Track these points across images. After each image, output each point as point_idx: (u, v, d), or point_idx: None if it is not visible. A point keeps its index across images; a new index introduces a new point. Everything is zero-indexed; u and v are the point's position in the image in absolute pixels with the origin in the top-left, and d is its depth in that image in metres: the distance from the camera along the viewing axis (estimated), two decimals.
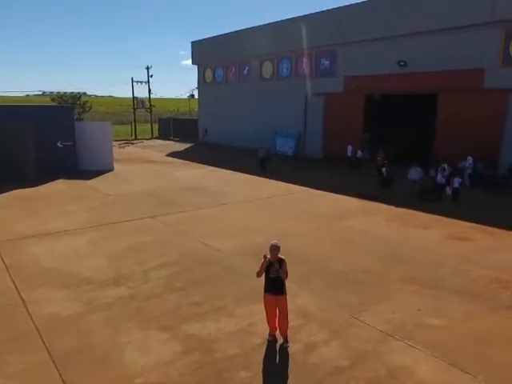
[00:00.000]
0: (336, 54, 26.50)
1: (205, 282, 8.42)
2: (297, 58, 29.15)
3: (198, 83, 39.59)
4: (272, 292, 6.16)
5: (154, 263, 9.36)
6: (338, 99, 26.69)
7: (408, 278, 8.77)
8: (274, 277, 6.07)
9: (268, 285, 6.19)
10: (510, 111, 19.27)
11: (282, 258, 6.13)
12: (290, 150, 29.89)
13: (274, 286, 6.13)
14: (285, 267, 6.10)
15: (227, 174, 22.08)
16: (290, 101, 29.74)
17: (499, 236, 11.73)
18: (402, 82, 22.98)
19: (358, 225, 12.65)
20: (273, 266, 6.04)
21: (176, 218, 13.14)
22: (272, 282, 6.13)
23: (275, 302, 6.20)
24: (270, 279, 6.12)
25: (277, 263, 6.05)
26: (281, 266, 6.06)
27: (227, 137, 35.23)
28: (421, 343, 6.29)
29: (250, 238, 11.17)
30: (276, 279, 6.09)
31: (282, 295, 6.18)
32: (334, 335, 6.50)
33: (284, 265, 6.09)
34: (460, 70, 20.52)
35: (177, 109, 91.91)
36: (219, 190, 17.58)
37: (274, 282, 6.12)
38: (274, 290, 6.14)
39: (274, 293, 6.14)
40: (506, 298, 7.88)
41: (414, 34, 21.86)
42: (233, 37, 33.66)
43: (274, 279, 6.09)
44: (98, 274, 8.71)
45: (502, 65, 19.28)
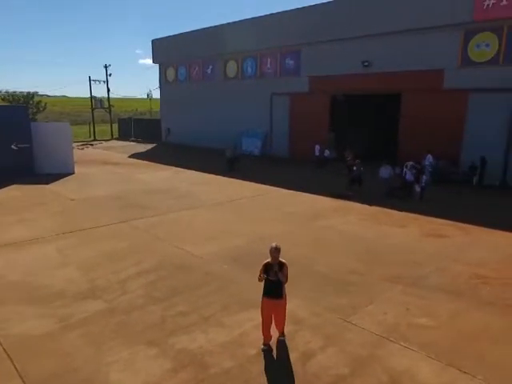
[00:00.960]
0: (300, 54, 26.59)
1: (187, 290, 8.01)
2: (261, 57, 29.02)
3: (160, 82, 38.57)
4: (270, 296, 5.98)
5: (130, 272, 8.82)
6: (303, 99, 26.81)
7: (392, 277, 8.78)
8: (274, 280, 5.90)
9: (267, 288, 6.00)
10: (470, 111, 20.07)
11: (282, 262, 5.96)
12: (257, 150, 29.73)
13: (273, 290, 5.95)
14: (285, 270, 5.94)
15: (195, 175, 21.56)
16: (255, 100, 29.58)
17: (472, 232, 12.07)
18: (366, 82, 23.39)
19: (334, 225, 12.63)
20: (272, 268, 5.87)
21: (148, 223, 12.56)
22: (271, 285, 5.95)
23: (273, 307, 6.02)
24: (270, 282, 5.95)
25: (277, 266, 5.89)
26: (281, 269, 5.89)
27: (191, 137, 34.58)
28: (416, 344, 6.24)
29: (228, 242, 10.84)
30: (275, 282, 5.91)
31: (281, 299, 6.02)
32: (329, 341, 6.32)
33: (285, 268, 5.94)
34: (422, 71, 21.16)
35: (135, 109, 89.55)
36: (189, 192, 17.09)
37: (273, 286, 5.94)
38: (272, 293, 5.96)
39: (273, 296, 5.97)
40: (487, 294, 8.05)
41: (377, 35, 22.30)
42: (196, 35, 33.03)
43: (273, 282, 5.92)
44: (71, 287, 8.07)
45: (461, 66, 20.05)
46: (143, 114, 73.81)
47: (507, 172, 19.19)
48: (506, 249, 10.77)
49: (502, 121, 19.09)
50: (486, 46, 19.16)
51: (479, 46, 19.35)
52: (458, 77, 20.08)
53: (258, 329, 6.60)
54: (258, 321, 6.81)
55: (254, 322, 6.82)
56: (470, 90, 19.84)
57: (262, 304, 6.10)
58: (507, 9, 18.04)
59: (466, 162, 19.82)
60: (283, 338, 6.29)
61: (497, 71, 18.93)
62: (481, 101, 19.59)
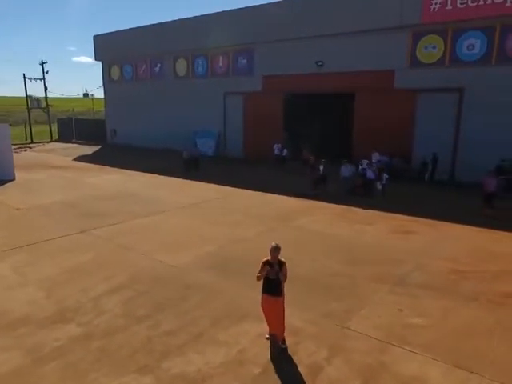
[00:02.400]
0: (253, 53, 26.35)
1: (169, 305, 7.38)
2: (213, 55, 28.40)
3: (104, 81, 36.54)
4: (270, 293, 6.03)
5: (101, 288, 8.00)
6: (257, 98, 26.61)
7: (376, 277, 8.74)
8: (273, 279, 5.93)
9: (266, 286, 6.05)
10: (419, 110, 20.94)
11: (282, 261, 6.03)
12: (210, 150, 29.08)
13: (272, 288, 6.00)
14: (285, 270, 6.04)
15: (150, 177, 20.55)
16: (208, 100, 28.92)
17: (436, 227, 12.48)
18: (320, 82, 23.65)
19: (306, 225, 12.48)
20: (273, 267, 5.90)
21: (111, 231, 11.61)
22: (270, 283, 5.99)
23: (272, 303, 6.06)
24: (269, 281, 5.98)
25: (277, 265, 5.94)
26: (281, 268, 5.97)
27: (140, 138, 33.15)
28: (418, 347, 6.16)
29: (202, 249, 10.28)
30: (275, 281, 5.96)
31: (279, 297, 6.06)
32: (333, 351, 6.06)
33: (284, 267, 6.03)
34: (374, 71, 21.74)
35: (71, 108, 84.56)
36: (148, 197, 16.18)
37: (272, 284, 5.98)
38: (271, 291, 6.01)
39: (272, 294, 6.02)
40: (469, 289, 8.23)
41: (330, 35, 22.59)
42: (142, 32, 31.63)
43: (272, 281, 5.95)
44: (36, 310, 7.13)
45: (410, 66, 20.85)
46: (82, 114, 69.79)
47: (455, 168, 20.26)
48: (469, 242, 11.21)
49: (449, 119, 20.10)
50: (433, 48, 20.07)
51: (427, 47, 20.23)
52: (408, 77, 20.86)
53: (255, 343, 6.22)
54: (253, 333, 6.43)
55: (250, 335, 6.42)
56: (419, 90, 20.70)
57: (262, 300, 6.15)
58: (452, 12, 19.00)
59: (417, 158, 20.67)
60: (285, 346, 6.10)
61: (443, 72, 19.88)
62: (429, 100, 20.50)
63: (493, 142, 18.70)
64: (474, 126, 19.37)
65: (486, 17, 18.34)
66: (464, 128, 19.78)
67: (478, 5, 18.37)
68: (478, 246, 10.86)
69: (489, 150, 18.69)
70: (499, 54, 18.48)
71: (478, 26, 18.71)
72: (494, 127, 18.87)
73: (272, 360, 5.80)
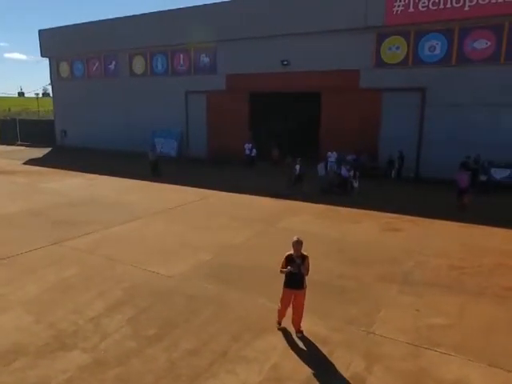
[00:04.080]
0: (216, 51, 25.74)
1: (180, 321, 6.79)
2: (173, 53, 27.41)
3: (51, 79, 34.12)
4: (292, 287, 6.18)
5: (98, 307, 7.21)
6: (221, 97, 26.02)
7: (381, 277, 8.66)
8: (296, 272, 6.05)
9: (289, 280, 6.17)
10: (384, 109, 21.47)
11: (305, 255, 6.14)
12: (173, 151, 28.10)
13: (295, 282, 6.13)
14: (307, 263, 6.15)
15: (114, 181, 19.38)
16: (168, 99, 27.88)
17: (420, 224, 12.73)
18: (285, 81, 23.55)
19: (293, 226, 12.24)
20: (295, 261, 6.03)
21: (90, 242, 10.66)
22: (293, 277, 6.10)
23: (293, 296, 6.23)
24: (292, 274, 6.08)
25: (299, 259, 6.06)
26: (303, 261, 6.08)
27: (95, 139, 31.34)
28: (449, 348, 6.08)
29: (195, 257, 9.69)
30: (298, 275, 6.08)
31: (302, 289, 6.23)
32: (369, 359, 5.81)
33: (307, 261, 6.15)
34: (339, 71, 21.98)
35: (7, 108, 78.62)
36: (119, 202, 15.18)
37: (295, 278, 6.11)
38: (294, 285, 6.15)
39: (294, 287, 6.17)
40: (473, 285, 8.38)
41: (295, 35, 22.55)
42: (95, 27, 29.87)
43: (295, 275, 6.08)
44: (28, 337, 6.24)
45: (375, 66, 21.32)
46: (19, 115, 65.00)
47: (420, 165, 21.01)
48: (455, 237, 11.53)
49: (412, 118, 20.79)
50: (396, 49, 20.65)
51: (391, 48, 20.78)
52: (373, 77, 21.32)
53: (287, 357, 5.84)
54: (281, 347, 6.05)
55: (279, 348, 6.04)
56: (384, 90, 21.23)
57: (284, 294, 6.29)
58: (414, 15, 19.63)
59: (384, 156, 21.19)
60: (299, 335, 6.33)
61: (406, 72, 20.52)
62: (393, 99, 21.08)
63: (453, 140, 19.61)
64: (436, 124, 20.20)
65: (446, 20, 19.14)
66: (427, 127, 20.55)
67: (438, 8, 19.13)
68: (465, 241, 11.18)
69: (450, 148, 19.57)
70: (458, 55, 19.38)
71: (439, 28, 19.49)
72: (454, 126, 19.77)
73: (312, 374, 5.45)
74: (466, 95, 19.34)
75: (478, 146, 18.86)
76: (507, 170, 18.25)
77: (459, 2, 18.62)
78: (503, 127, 18.81)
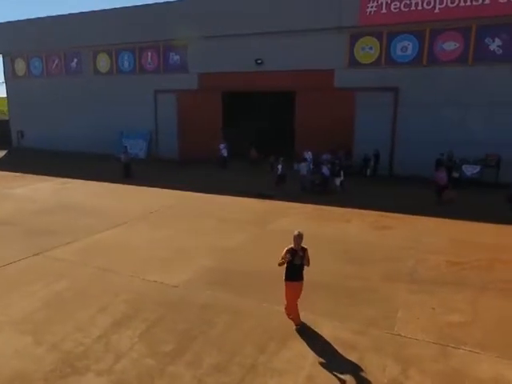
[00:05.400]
0: (187, 49, 25.08)
1: (197, 334, 6.37)
2: (140, 50, 26.45)
3: (6, 77, 31.94)
4: (294, 279, 6.47)
5: (102, 323, 6.64)
6: (193, 96, 25.39)
7: (387, 277, 8.63)
8: (298, 264, 6.40)
9: (291, 272, 6.46)
10: (358, 108, 21.75)
11: (305, 247, 6.48)
12: (142, 152, 27.12)
13: (297, 273, 6.48)
14: (307, 255, 6.49)
15: (86, 185, 18.35)
16: (136, 98, 26.85)
17: (408, 221, 12.92)
18: (259, 80, 23.32)
19: (286, 227, 11.94)
20: (297, 253, 6.35)
21: (75, 251, 9.91)
22: (296, 269, 6.43)
23: (297, 287, 6.51)
24: (294, 266, 6.40)
25: (301, 251, 6.40)
26: (304, 254, 6.42)
27: (56, 140, 29.67)
28: (475, 346, 6.10)
29: (194, 263, 9.25)
30: (299, 266, 6.44)
31: (302, 281, 6.57)
32: (401, 363, 5.69)
33: (307, 253, 6.48)
34: (314, 70, 22.04)
35: None
36: (96, 207, 14.32)
37: (297, 269, 6.45)
38: (296, 277, 6.48)
39: (296, 279, 6.49)
40: (476, 280, 8.52)
41: (269, 33, 22.37)
42: (53, 22, 28.21)
43: (298, 267, 6.42)
44: (31, 362, 5.61)
45: (349, 66, 21.57)
46: None
47: (393, 163, 21.48)
48: (445, 233, 11.76)
49: (386, 117, 21.21)
50: (369, 49, 20.98)
51: (364, 48, 21.08)
52: (347, 77, 21.53)
53: (318, 366, 5.60)
54: (311, 355, 5.80)
55: (309, 358, 5.79)
56: (358, 89, 21.52)
57: (287, 288, 6.53)
58: (386, 16, 20.01)
59: (359, 155, 21.49)
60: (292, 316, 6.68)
61: (379, 72, 20.90)
62: (367, 99, 21.38)
63: (425, 139, 20.16)
64: (408, 123, 20.69)
65: (417, 21, 19.65)
66: (399, 125, 21.03)
67: (409, 10, 19.60)
68: (455, 237, 11.43)
69: (422, 146, 20.12)
70: (429, 56, 19.97)
71: (410, 29, 19.99)
72: (425, 124, 20.35)
73: (350, 383, 5.24)
74: (436, 95, 19.96)
75: (448, 143, 19.51)
76: (477, 167, 19.03)
77: (430, 5, 19.17)
78: (471, 125, 19.56)
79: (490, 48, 18.96)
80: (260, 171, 21.10)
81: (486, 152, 18.85)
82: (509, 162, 18.34)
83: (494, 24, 18.66)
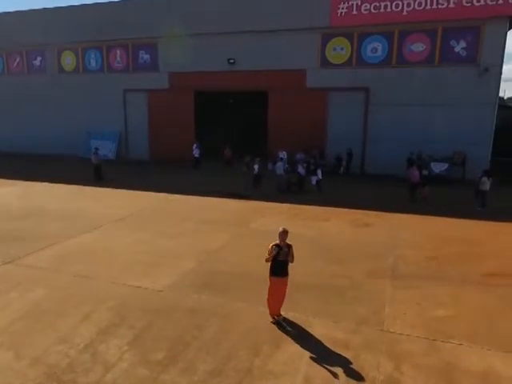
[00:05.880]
0: (157, 48, 24.61)
1: (188, 339, 6.20)
2: (108, 48, 25.71)
3: None
4: (279, 275, 6.57)
5: (87, 333, 6.34)
6: (164, 96, 24.95)
7: (371, 274, 8.75)
8: (283, 260, 6.51)
9: (276, 268, 6.57)
10: (331, 108, 22.06)
11: (289, 244, 6.59)
12: (111, 153, 26.40)
13: (282, 269, 6.57)
14: (292, 251, 6.60)
15: (55, 188, 17.65)
16: (105, 98, 26.13)
17: (385, 218, 13.19)
18: (232, 80, 23.22)
19: (266, 227, 11.96)
20: (282, 250, 6.46)
21: (49, 258, 9.46)
22: (281, 264, 6.54)
23: (281, 284, 6.59)
24: (279, 262, 6.52)
25: (286, 247, 6.51)
26: (289, 250, 6.55)
27: (17, 142, 28.42)
28: (463, 339, 6.26)
29: (177, 267, 9.04)
30: (284, 262, 6.55)
31: (287, 277, 6.65)
32: (394, 358, 5.76)
33: (291, 249, 6.60)
34: (286, 70, 22.17)
35: None
36: (68, 211, 13.77)
37: (282, 265, 6.56)
38: (281, 272, 6.57)
39: (281, 275, 6.58)
40: (454, 274, 8.79)
41: (241, 33, 22.29)
42: (14, 18, 26.96)
43: (282, 262, 6.53)
44: (14, 379, 5.26)
45: (320, 67, 21.82)
46: None
47: (365, 161, 21.91)
48: (420, 229, 12.11)
49: (357, 117, 21.62)
50: (341, 50, 21.31)
51: (335, 49, 21.40)
52: (319, 77, 21.80)
53: (314, 367, 5.58)
54: (307, 356, 5.78)
55: (303, 359, 5.75)
56: (329, 89, 21.82)
57: (272, 283, 6.62)
58: (357, 18, 20.40)
59: (332, 154, 21.78)
60: (281, 317, 6.72)
61: (351, 72, 21.28)
62: (339, 99, 21.76)
63: (395, 137, 20.73)
64: (379, 122, 21.19)
65: (386, 23, 20.15)
66: (370, 125, 21.49)
67: (379, 12, 20.08)
68: (430, 232, 11.78)
69: (392, 145, 20.68)
70: (398, 57, 20.51)
71: (380, 30, 20.47)
72: (395, 123, 20.91)
73: (347, 382, 5.24)
74: (405, 94, 20.54)
75: (417, 142, 20.16)
76: (445, 164, 19.71)
77: (398, 7, 19.70)
78: (439, 124, 20.26)
79: (455, 50, 19.71)
80: (234, 171, 21.00)
81: (453, 150, 19.57)
82: (474, 159, 19.13)
83: (458, 27, 19.41)
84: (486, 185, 14.01)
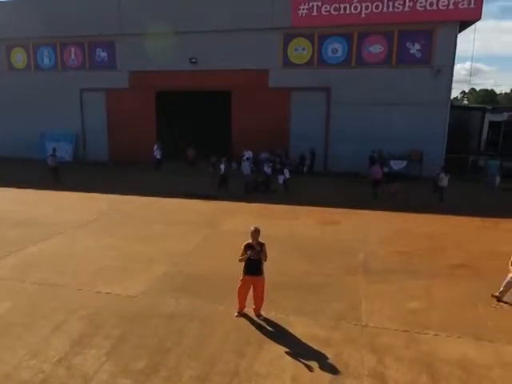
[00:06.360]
0: (115, 46, 23.82)
1: (169, 345, 6.02)
2: (63, 46, 24.57)
3: None
4: (252, 274, 6.54)
5: (59, 345, 5.99)
6: (123, 96, 24.17)
7: (345, 270, 8.91)
8: (255, 259, 6.46)
9: (248, 267, 6.55)
10: (294, 108, 22.28)
11: (261, 242, 6.57)
12: (68, 155, 25.27)
13: (255, 268, 6.53)
14: (265, 250, 6.58)
15: (11, 192, 16.67)
16: (59, 97, 24.95)
17: (352, 215, 13.50)
18: (194, 79, 22.90)
19: (237, 228, 11.85)
20: (254, 248, 6.43)
21: (9, 267, 8.87)
22: (253, 264, 6.49)
23: (253, 283, 6.62)
24: (251, 261, 6.47)
25: (258, 246, 6.48)
26: (261, 248, 6.52)
27: None
28: (438, 329, 6.51)
29: (150, 271, 8.77)
30: (257, 261, 6.49)
31: (261, 276, 6.63)
32: (376, 353, 5.88)
33: (264, 247, 6.58)
34: (249, 70, 22.14)
35: None
36: (26, 217, 12.99)
37: (254, 264, 6.50)
38: (254, 271, 6.53)
39: (254, 274, 6.54)
40: (423, 267, 9.14)
41: (203, 32, 22.01)
42: None
43: (255, 261, 6.48)
44: None
45: (283, 66, 22.00)
46: None
47: (328, 160, 22.34)
48: (387, 225, 12.51)
49: (320, 116, 21.99)
50: (302, 50, 21.59)
51: (297, 49, 21.64)
52: (281, 77, 21.96)
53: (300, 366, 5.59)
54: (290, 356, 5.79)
55: (288, 359, 5.75)
56: (292, 89, 22.04)
57: (243, 281, 6.63)
58: (317, 19, 20.73)
59: (295, 153, 22.02)
60: (261, 317, 6.73)
61: (312, 72, 21.60)
62: (302, 98, 22.01)
63: (356, 136, 21.25)
64: (340, 122, 21.65)
65: (346, 25, 20.63)
66: (332, 124, 21.94)
67: (338, 13, 20.51)
68: (396, 227, 12.19)
69: (353, 143, 21.19)
70: (357, 58, 21.06)
71: (340, 32, 20.92)
72: (356, 123, 21.44)
73: (334, 378, 5.29)
74: (365, 94, 21.12)
75: (377, 140, 20.77)
76: (403, 162, 20.51)
77: (357, 9, 20.22)
78: (397, 123, 20.97)
79: (410, 52, 20.51)
80: (198, 172, 20.73)
81: (410, 148, 20.39)
82: (430, 156, 20.04)
83: (413, 30, 20.22)
84: (444, 181, 14.68)
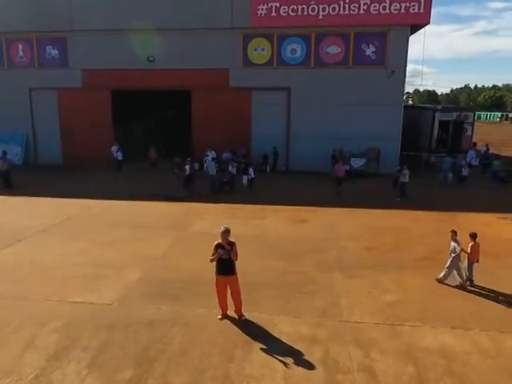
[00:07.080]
0: (66, 43, 22.69)
1: (154, 353, 5.83)
2: (8, 42, 23.05)
3: None
4: (224, 274, 6.52)
5: (35, 361, 5.62)
6: (77, 95, 23.02)
7: (320, 268, 9.04)
8: (226, 259, 6.43)
9: (220, 267, 6.53)
10: (254, 107, 22.28)
11: (232, 241, 6.57)
12: (17, 158, 23.70)
13: (226, 268, 6.50)
14: (235, 249, 6.55)
15: None
16: (5, 96, 23.26)
17: (319, 213, 13.72)
18: (152, 78, 22.28)
19: (207, 229, 11.68)
20: (224, 248, 6.42)
21: None
22: (224, 263, 6.47)
23: (227, 283, 6.58)
24: (222, 261, 6.45)
25: (228, 246, 6.47)
26: (231, 248, 6.49)
27: None
28: (416, 320, 6.78)
29: (123, 277, 8.47)
30: (227, 261, 6.46)
31: (233, 275, 6.60)
32: (362, 348, 6.03)
33: (234, 247, 6.55)
34: (209, 69, 21.88)
35: None
36: None
37: (225, 264, 6.48)
38: (225, 271, 6.51)
39: (226, 274, 6.52)
40: (393, 261, 9.47)
41: (162, 30, 21.44)
42: None
43: (225, 261, 6.45)
44: None
45: (243, 66, 21.97)
46: None
47: (289, 159, 22.60)
48: (353, 221, 12.81)
49: (281, 116, 22.18)
50: (262, 50, 21.64)
51: (256, 49, 21.65)
52: (242, 76, 21.87)
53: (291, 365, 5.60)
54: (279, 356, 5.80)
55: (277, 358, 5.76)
56: (253, 89, 22.07)
57: (217, 282, 6.61)
58: (276, 19, 20.88)
59: (257, 152, 22.07)
60: (243, 317, 6.74)
61: (272, 72, 21.71)
62: (262, 98, 22.06)
63: (316, 135, 21.59)
64: (301, 121, 21.96)
65: (304, 26, 20.93)
66: (293, 123, 22.20)
67: (296, 15, 20.76)
68: (362, 223, 12.53)
69: (314, 143, 21.53)
70: (316, 58, 21.45)
71: (298, 33, 21.19)
72: (316, 122, 21.81)
73: (326, 375, 5.35)
74: (325, 94, 21.52)
75: (337, 139, 21.25)
76: (363, 159, 21.17)
77: (314, 11, 20.58)
78: (355, 122, 21.58)
79: (366, 53, 21.17)
80: (161, 173, 20.24)
81: (368, 146, 21.07)
82: (386, 154, 20.85)
83: (368, 32, 20.89)
84: (406, 177, 15.31)
